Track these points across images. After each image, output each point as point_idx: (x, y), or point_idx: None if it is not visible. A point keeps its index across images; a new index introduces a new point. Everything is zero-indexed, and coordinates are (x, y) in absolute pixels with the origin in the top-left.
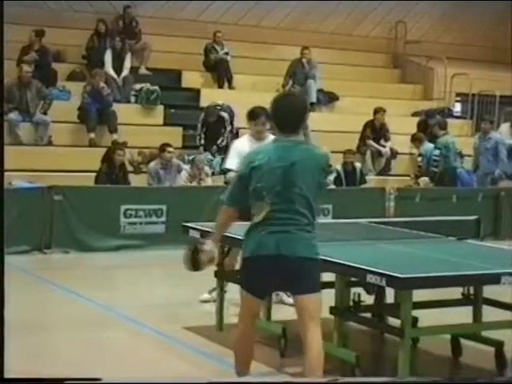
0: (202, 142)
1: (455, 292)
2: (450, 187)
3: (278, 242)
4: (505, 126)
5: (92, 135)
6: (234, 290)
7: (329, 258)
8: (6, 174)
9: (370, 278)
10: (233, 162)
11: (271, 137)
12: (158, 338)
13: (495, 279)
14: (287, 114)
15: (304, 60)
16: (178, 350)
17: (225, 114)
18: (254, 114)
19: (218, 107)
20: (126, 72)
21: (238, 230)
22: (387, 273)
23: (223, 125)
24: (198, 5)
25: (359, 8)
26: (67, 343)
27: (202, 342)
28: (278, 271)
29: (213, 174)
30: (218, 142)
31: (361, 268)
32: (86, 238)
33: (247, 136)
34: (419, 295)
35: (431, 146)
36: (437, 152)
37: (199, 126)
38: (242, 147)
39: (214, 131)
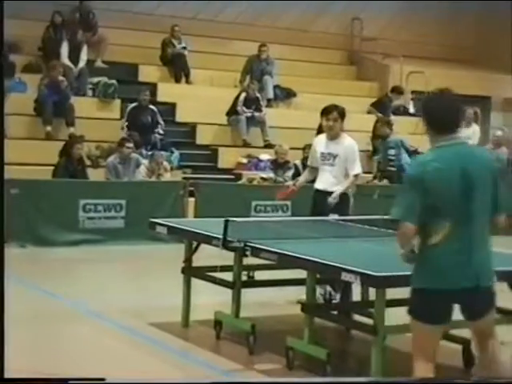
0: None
1: None
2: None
3: (464, 272)
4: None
5: (48, 128)
6: (200, 289)
7: (302, 256)
8: None
9: (345, 276)
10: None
11: (346, 138)
12: (123, 333)
13: None
14: (447, 114)
15: (261, 56)
16: (145, 345)
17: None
18: (325, 110)
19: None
20: (82, 64)
21: (204, 225)
22: (362, 271)
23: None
24: None
25: (316, 4)
26: (30, 338)
27: (168, 337)
28: (466, 302)
29: (171, 168)
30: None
31: (336, 266)
32: (44, 232)
33: (324, 134)
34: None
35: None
36: (392, 152)
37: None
38: (315, 144)
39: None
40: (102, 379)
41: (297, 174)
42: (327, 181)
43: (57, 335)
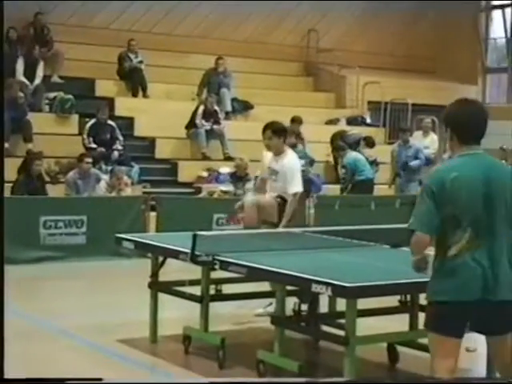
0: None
1: (387, 299)
2: (369, 194)
3: (486, 284)
4: (417, 134)
5: (6, 145)
6: (167, 303)
7: (270, 268)
8: None
9: (315, 288)
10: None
11: (289, 156)
12: (91, 350)
13: None
14: (475, 123)
15: (218, 69)
16: (113, 362)
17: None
18: (263, 128)
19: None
20: (38, 80)
21: (168, 239)
22: (333, 282)
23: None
24: (110, 12)
25: (271, 16)
26: None
27: (136, 353)
28: (486, 316)
29: (132, 183)
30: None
31: (305, 278)
32: (5, 249)
33: None
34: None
35: (353, 156)
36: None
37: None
38: (264, 158)
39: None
40: (99, 379)
41: None
42: (272, 196)
43: (22, 354)
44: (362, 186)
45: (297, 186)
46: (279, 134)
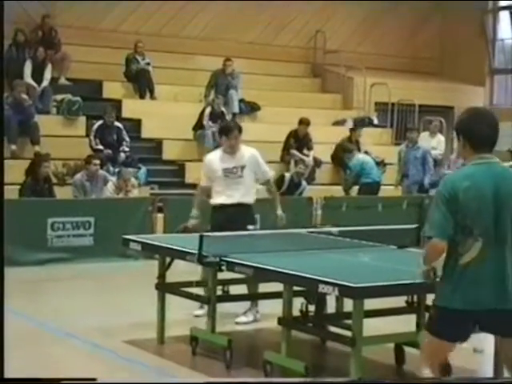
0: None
1: (393, 300)
2: (375, 195)
3: (497, 293)
4: (424, 135)
5: (13, 147)
6: (175, 304)
7: (277, 269)
8: None
9: (322, 288)
10: (204, 179)
11: (245, 148)
12: (98, 352)
13: None
14: (487, 131)
15: (226, 70)
16: (120, 364)
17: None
18: (226, 129)
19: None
20: (46, 83)
21: (176, 240)
22: (340, 282)
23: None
24: (118, 15)
25: (278, 18)
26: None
27: (144, 355)
28: (497, 323)
29: (139, 185)
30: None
31: (313, 278)
32: (12, 252)
33: (219, 151)
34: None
35: (360, 158)
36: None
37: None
38: (211, 163)
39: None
40: (94, 379)
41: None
42: (239, 193)
43: (30, 356)
44: (367, 188)
45: (269, 171)
46: (241, 132)
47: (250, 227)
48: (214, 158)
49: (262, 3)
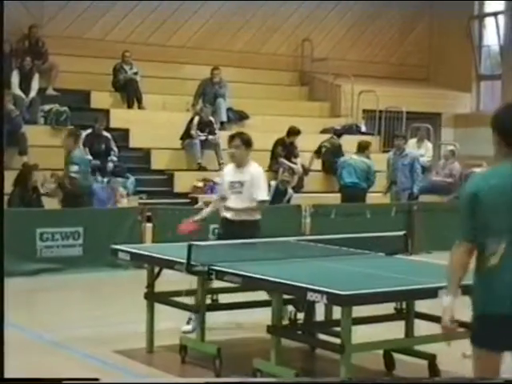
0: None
1: (382, 307)
2: (364, 203)
3: None
4: (412, 142)
5: None
6: (164, 314)
7: (266, 277)
8: None
9: (311, 296)
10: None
11: (253, 166)
12: (88, 361)
13: (432, 293)
14: None
15: (214, 79)
16: (110, 373)
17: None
18: (229, 137)
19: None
20: (33, 93)
21: (164, 250)
22: (328, 290)
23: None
24: (104, 24)
25: (266, 26)
26: None
27: (133, 364)
28: None
29: (127, 194)
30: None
31: (301, 286)
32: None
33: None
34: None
35: (341, 160)
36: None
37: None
38: (224, 174)
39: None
40: (96, 379)
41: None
42: (238, 207)
43: (19, 367)
44: (341, 191)
45: (264, 194)
46: (247, 145)
47: None
48: (227, 169)
49: (249, 12)
